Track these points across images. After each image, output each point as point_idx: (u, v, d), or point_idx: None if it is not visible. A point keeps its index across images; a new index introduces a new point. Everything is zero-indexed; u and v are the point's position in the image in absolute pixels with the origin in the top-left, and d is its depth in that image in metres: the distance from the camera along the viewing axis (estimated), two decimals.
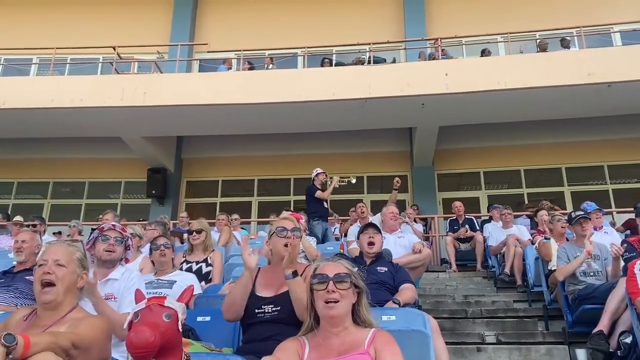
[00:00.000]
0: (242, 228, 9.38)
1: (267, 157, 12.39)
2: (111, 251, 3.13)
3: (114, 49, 11.29)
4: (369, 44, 11.05)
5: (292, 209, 9.07)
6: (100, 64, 12.46)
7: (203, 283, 4.53)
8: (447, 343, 3.39)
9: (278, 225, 2.83)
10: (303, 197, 10.09)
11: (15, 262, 4.30)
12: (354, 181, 8.39)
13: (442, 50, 10.98)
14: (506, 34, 11.04)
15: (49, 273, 2.22)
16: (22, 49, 12.04)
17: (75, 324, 2.12)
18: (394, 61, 11.71)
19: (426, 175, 11.94)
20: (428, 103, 9.40)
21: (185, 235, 6.10)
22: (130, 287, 2.96)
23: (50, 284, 2.21)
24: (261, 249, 2.98)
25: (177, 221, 9.31)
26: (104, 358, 2.18)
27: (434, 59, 10.68)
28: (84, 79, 10.44)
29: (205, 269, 4.79)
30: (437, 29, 12.40)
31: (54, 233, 9.52)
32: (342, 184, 8.15)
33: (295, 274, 2.57)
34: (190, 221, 8.63)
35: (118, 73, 11.20)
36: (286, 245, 2.66)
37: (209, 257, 4.89)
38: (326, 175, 7.89)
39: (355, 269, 2.23)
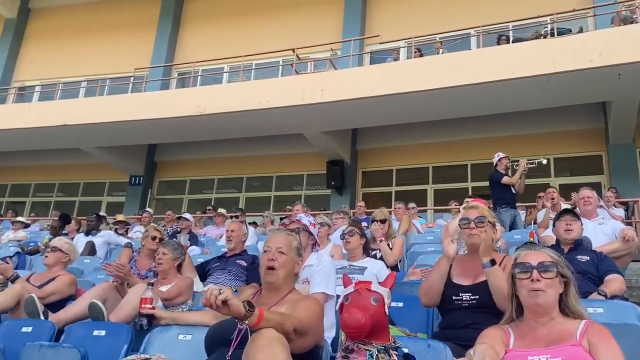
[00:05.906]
0: (419, 216, 9.38)
1: (441, 143, 12.14)
2: None
3: (293, 51, 12.05)
4: (551, 15, 10.14)
5: (471, 195, 8.82)
6: (280, 67, 13.44)
7: None
8: None
9: (462, 217, 2.85)
10: (481, 184, 9.74)
11: (224, 249, 4.93)
12: (544, 162, 7.71)
13: None
14: None
15: (273, 260, 2.54)
16: (215, 60, 13.52)
17: (294, 305, 2.37)
18: (580, 30, 10.58)
19: (626, 153, 10.58)
20: (625, 73, 8.33)
21: (363, 224, 6.36)
22: (319, 271, 3.18)
23: (272, 268, 2.52)
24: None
25: (355, 210, 9.65)
26: (318, 339, 2.39)
27: (631, 22, 9.40)
28: (269, 82, 11.34)
29: None
30: None
31: (249, 223, 10.59)
32: (532, 165, 7.53)
33: (493, 262, 2.56)
34: (367, 210, 8.94)
35: (297, 73, 11.94)
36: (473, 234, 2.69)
37: (390, 244, 5.09)
38: (509, 159, 7.47)
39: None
